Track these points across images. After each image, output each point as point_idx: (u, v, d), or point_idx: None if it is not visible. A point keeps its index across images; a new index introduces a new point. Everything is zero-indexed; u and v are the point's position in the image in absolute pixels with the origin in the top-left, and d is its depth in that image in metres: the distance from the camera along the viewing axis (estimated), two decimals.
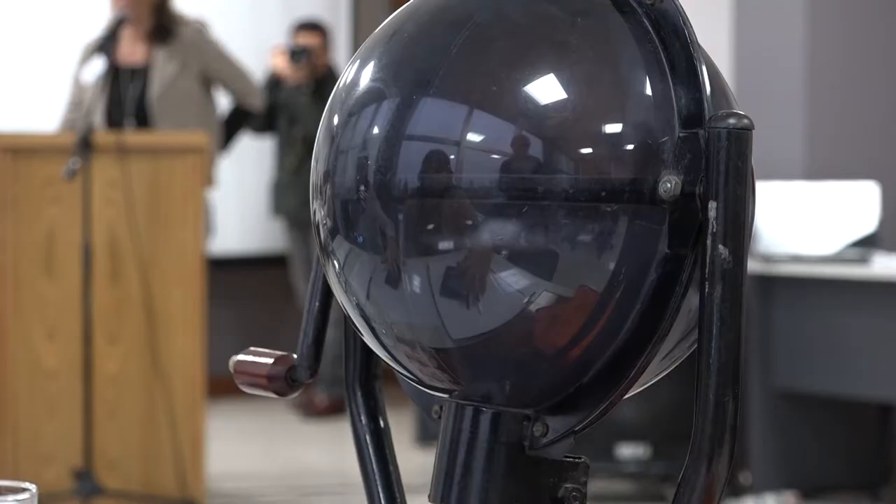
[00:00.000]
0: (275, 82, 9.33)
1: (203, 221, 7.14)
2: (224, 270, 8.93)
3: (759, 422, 6.84)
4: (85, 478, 6.59)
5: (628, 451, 6.89)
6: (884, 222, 7.06)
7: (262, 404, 9.29)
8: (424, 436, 7.16)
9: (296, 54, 9.28)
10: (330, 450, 8.80)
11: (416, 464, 2.37)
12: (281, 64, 9.34)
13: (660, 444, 6.91)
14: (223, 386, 7.82)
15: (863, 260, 6.83)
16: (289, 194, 9.52)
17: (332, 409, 9.33)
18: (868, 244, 6.96)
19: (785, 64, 7.66)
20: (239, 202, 9.73)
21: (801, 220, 6.86)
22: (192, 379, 7.06)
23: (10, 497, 1.34)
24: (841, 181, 7.10)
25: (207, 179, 7.15)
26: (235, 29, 9.11)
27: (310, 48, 9.35)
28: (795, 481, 7.07)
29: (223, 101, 7.98)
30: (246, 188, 9.85)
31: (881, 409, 7.13)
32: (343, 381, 4.97)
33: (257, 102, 8.07)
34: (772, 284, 6.25)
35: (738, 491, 6.82)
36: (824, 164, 7.43)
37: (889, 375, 6.48)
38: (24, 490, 1.34)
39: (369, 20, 10.57)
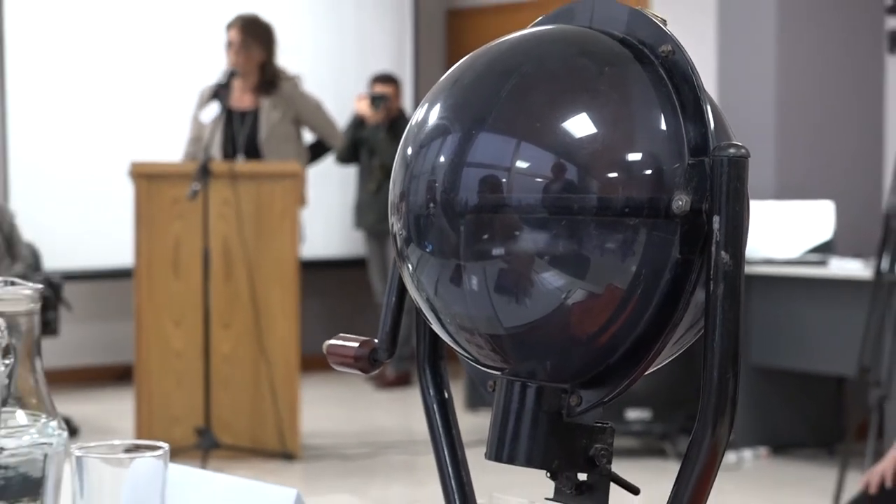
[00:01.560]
0: (358, 122, 9.43)
1: (297, 232, 7.16)
2: (314, 271, 8.94)
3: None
4: (205, 435, 6.62)
5: (634, 414, 7.01)
6: (837, 233, 7.40)
7: (343, 378, 9.28)
8: (473, 402, 7.16)
9: (375, 100, 9.41)
10: (397, 414, 8.82)
11: (467, 424, 2.33)
12: (363, 108, 9.46)
13: (660, 410, 7.05)
14: (313, 363, 7.86)
15: (821, 262, 7.15)
16: (368, 212, 9.67)
17: (399, 382, 9.38)
18: (825, 250, 7.40)
19: (758, 102, 7.68)
20: (328, 217, 9.78)
21: (772, 231, 7.02)
22: (288, 357, 7.09)
23: (150, 454, 1.32)
24: (803, 200, 7.29)
25: (301, 199, 7.18)
26: (324, 80, 9.13)
27: (386, 95, 9.47)
28: (767, 439, 7.12)
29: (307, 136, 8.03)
30: (334, 206, 9.88)
31: (836, 380, 7.29)
32: (407, 360, 5.02)
33: (337, 143, 8.29)
34: (749, 281, 6.31)
35: None
36: (790, 186, 7.50)
37: (842, 354, 6.58)
38: (158, 448, 1.32)
39: (428, 74, 10.59)
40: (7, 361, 1.46)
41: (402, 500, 6.48)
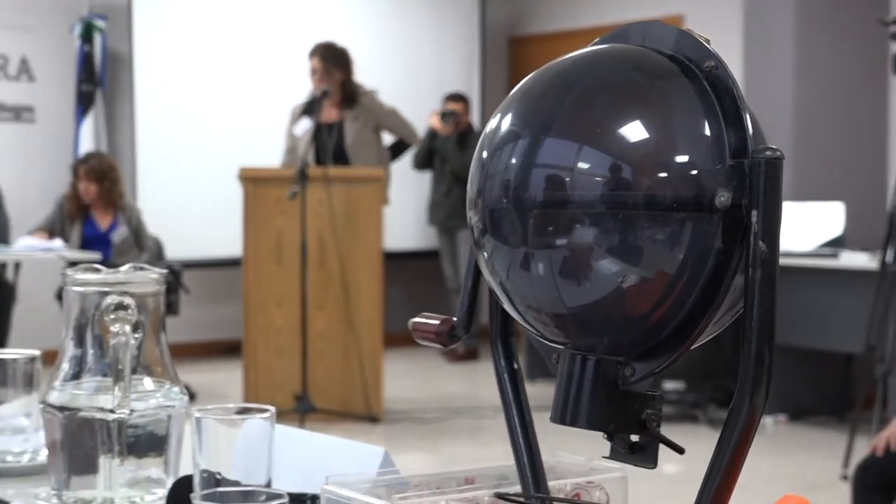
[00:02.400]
0: (432, 135, 9.47)
1: (381, 228, 7.18)
2: (395, 261, 8.95)
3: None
4: (303, 400, 6.65)
5: (670, 385, 7.03)
6: (847, 229, 7.37)
7: (420, 352, 9.29)
8: (532, 374, 7.12)
9: (445, 116, 9.43)
10: (466, 384, 8.82)
11: (527, 393, 2.32)
12: (435, 122, 9.48)
13: (692, 381, 7.07)
14: (394, 339, 7.86)
15: (833, 255, 7.13)
16: (440, 210, 9.71)
17: (468, 356, 9.38)
18: (836, 244, 7.39)
19: (778, 114, 7.65)
20: (406, 214, 9.79)
21: (790, 228, 7.00)
22: (373, 334, 7.12)
23: (258, 416, 1.32)
24: (817, 202, 7.26)
25: (384, 199, 7.18)
26: (404, 98, 9.12)
27: (455, 112, 9.50)
28: (786, 408, 7.08)
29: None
30: (411, 205, 9.91)
31: (846, 357, 7.24)
32: (475, 336, 5.02)
33: (414, 141, 8.30)
34: None
35: None
36: (806, 189, 7.47)
37: (851, 334, 6.57)
38: (266, 410, 1.31)
39: (493, 93, 10.58)
40: (137, 335, 1.46)
41: (469, 458, 6.46)
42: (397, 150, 8.23)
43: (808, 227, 7.18)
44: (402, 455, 1.39)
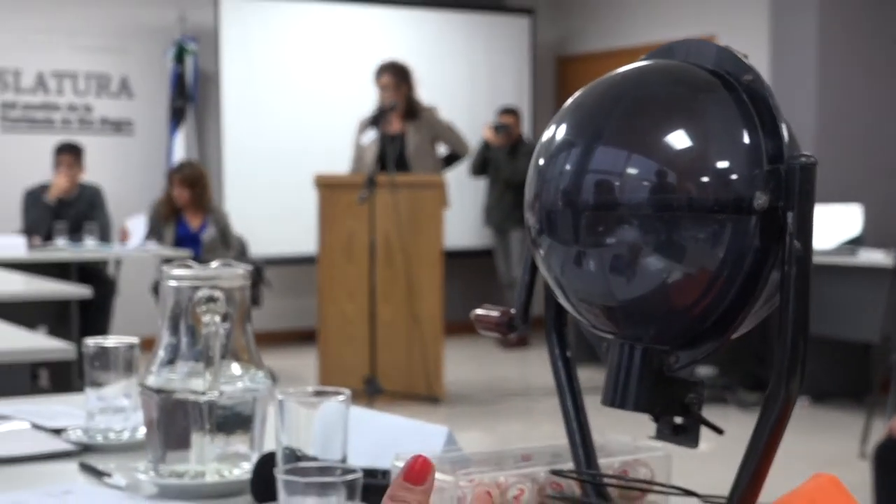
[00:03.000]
0: (486, 145, 9.48)
1: (441, 228, 7.19)
2: (454, 258, 8.95)
3: None
4: (371, 383, 6.66)
5: (703, 370, 6.96)
6: (865, 229, 7.28)
7: (476, 340, 9.30)
8: (579, 359, 7.05)
9: (499, 128, 9.43)
10: (518, 369, 8.80)
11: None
12: (488, 134, 9.46)
13: (723, 367, 7.05)
14: (454, 328, 7.86)
15: (852, 253, 7.05)
16: (494, 213, 9.73)
17: (520, 344, 9.35)
18: (855, 243, 7.31)
19: (801, 122, 7.59)
20: (464, 216, 9.79)
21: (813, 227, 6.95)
22: (434, 323, 7.12)
23: (334, 398, 1.31)
24: (837, 204, 7.19)
25: (444, 203, 7.18)
26: (461, 111, 9.14)
27: (508, 124, 9.50)
28: (808, 391, 7.02)
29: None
30: (468, 208, 9.92)
31: (864, 346, 7.14)
32: (527, 325, 4.88)
33: (466, 153, 8.21)
34: None
35: None
36: (826, 192, 7.38)
37: (868, 325, 6.56)
38: (341, 393, 1.30)
39: (542, 107, 10.55)
40: (225, 325, 1.46)
41: (521, 436, 6.45)
42: (449, 160, 8.23)
43: (829, 227, 7.12)
44: (461, 433, 1.39)
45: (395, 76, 7.53)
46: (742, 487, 0.98)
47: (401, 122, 7.56)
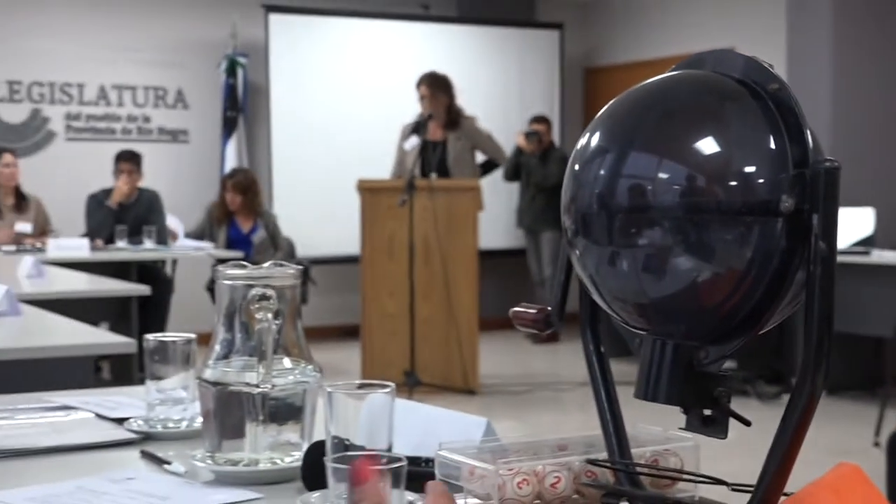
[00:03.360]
0: (518, 152, 9.45)
1: (476, 230, 7.18)
2: (488, 258, 8.94)
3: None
4: (411, 376, 6.66)
5: (724, 364, 6.87)
6: (877, 231, 7.23)
7: (509, 335, 9.29)
8: (611, 355, 7.03)
9: (530, 135, 9.41)
10: (548, 362, 8.77)
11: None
12: (521, 141, 9.45)
13: (743, 360, 6.99)
14: (488, 324, 7.86)
15: (865, 252, 7.03)
16: (526, 215, 9.72)
17: (550, 339, 9.32)
18: (867, 244, 7.28)
19: (817, 127, 7.47)
20: (498, 219, 9.79)
21: None
22: (470, 319, 7.11)
23: (380, 391, 1.30)
24: (850, 207, 7.14)
25: (479, 206, 7.16)
26: (496, 120, 9.13)
27: (539, 132, 9.47)
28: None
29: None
30: (502, 211, 9.91)
31: (876, 340, 7.07)
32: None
33: (502, 162, 8.19)
34: None
35: (791, 388, 6.68)
36: (842, 194, 7.33)
37: (881, 321, 6.50)
38: (387, 386, 1.30)
39: (571, 116, 10.54)
40: (277, 322, 1.46)
41: (552, 425, 6.44)
42: (487, 168, 8.23)
43: (842, 228, 7.08)
44: (495, 423, 1.37)
45: (433, 86, 7.53)
46: (769, 476, 0.97)
47: (442, 130, 7.56)
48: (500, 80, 10.42)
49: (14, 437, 1.71)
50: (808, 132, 0.98)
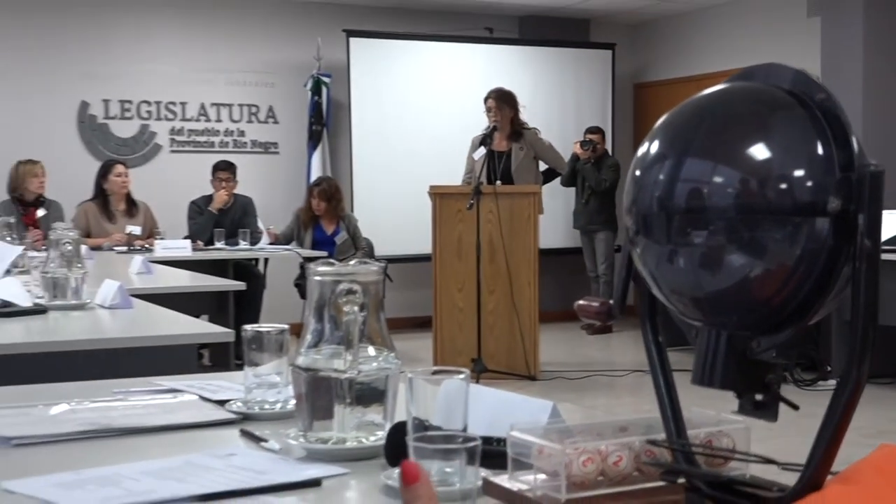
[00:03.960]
0: (575, 158, 9.37)
1: (536, 231, 7.14)
2: (547, 256, 8.90)
3: (836, 336, 6.58)
4: (478, 363, 6.65)
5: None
6: None
7: (566, 325, 9.23)
8: (668, 344, 6.97)
9: (585, 144, 9.33)
10: (602, 350, 8.70)
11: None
12: (577, 149, 9.38)
13: (781, 348, 6.74)
14: (548, 316, 7.84)
15: (893, 251, 6.81)
16: (581, 217, 9.66)
17: (603, 329, 9.24)
18: (892, 243, 6.87)
19: None
20: (556, 220, 9.74)
21: None
22: (531, 312, 7.08)
23: (456, 376, 1.29)
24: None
25: (539, 209, 7.13)
26: (554, 130, 9.09)
27: (593, 140, 9.38)
28: None
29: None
30: (560, 213, 9.85)
31: None
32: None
33: (562, 170, 8.14)
34: None
35: (826, 375, 6.54)
36: None
37: None
38: (461, 372, 1.29)
39: (621, 127, 10.45)
40: (362, 314, 1.45)
41: (605, 408, 6.39)
42: (549, 175, 8.20)
43: (886, 227, 6.92)
44: None
45: (499, 100, 7.53)
46: (818, 457, 0.95)
47: (506, 141, 7.55)
48: (558, 96, 10.38)
49: (128, 418, 1.72)
50: (854, 138, 0.95)
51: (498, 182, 7.26)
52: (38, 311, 3.34)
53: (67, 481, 1.34)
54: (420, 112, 9.71)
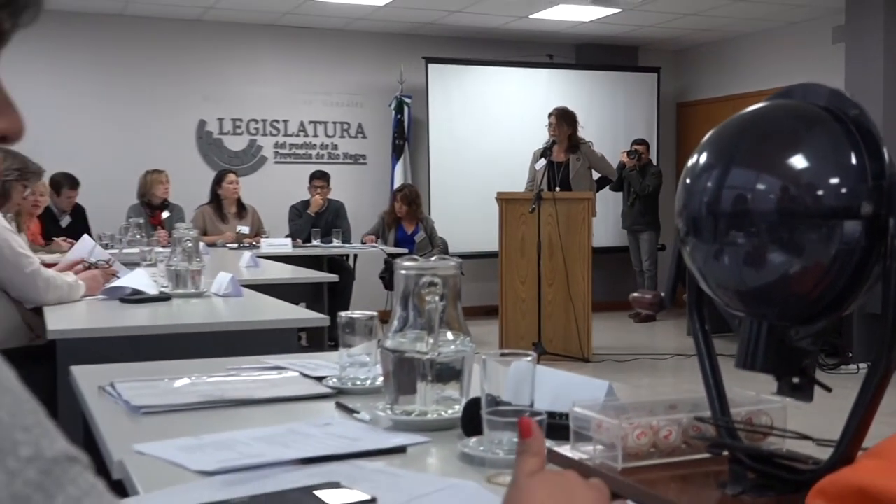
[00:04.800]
0: (622, 166, 9.22)
1: (590, 231, 7.06)
2: (599, 254, 8.79)
3: (857, 326, 6.40)
4: (538, 346, 6.60)
5: None
6: None
7: (615, 314, 9.13)
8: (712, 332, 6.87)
9: (631, 153, 9.22)
10: (647, 336, 8.57)
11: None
12: (624, 158, 9.25)
13: None
14: (599, 305, 7.74)
15: None
16: (627, 218, 9.52)
17: (648, 318, 9.10)
18: None
19: None
20: (607, 221, 9.61)
21: None
22: (585, 302, 7.01)
23: (524, 359, 1.28)
24: None
25: (592, 213, 7.06)
26: (606, 142, 8.99)
27: (639, 151, 9.26)
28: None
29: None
30: (610, 216, 9.72)
31: None
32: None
33: (613, 178, 8.04)
34: None
35: (847, 361, 6.37)
36: None
37: None
38: (528, 355, 1.27)
39: (665, 140, 10.30)
40: (442, 303, 1.45)
41: (649, 387, 6.31)
42: (602, 183, 8.11)
43: None
44: None
45: (560, 117, 7.48)
46: (850, 433, 0.92)
47: (564, 153, 7.49)
48: (609, 113, 10.27)
49: (240, 391, 1.74)
50: (885, 150, 0.92)
51: (557, 189, 7.21)
52: (163, 298, 3.39)
53: (189, 445, 1.35)
54: (488, 128, 9.68)
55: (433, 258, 1.52)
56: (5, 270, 3.18)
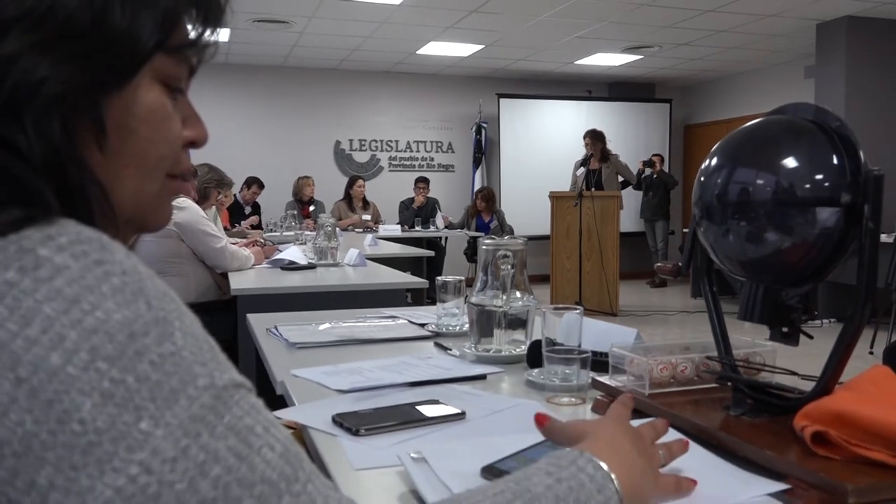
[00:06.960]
0: (641, 173, 8.96)
1: (618, 220, 6.89)
2: (624, 237, 8.60)
3: (821, 291, 6.10)
4: (579, 304, 6.43)
5: None
6: None
7: (636, 281, 8.92)
8: (695, 293, 6.66)
9: (647, 162, 8.92)
10: (660, 298, 8.36)
11: (699, 304, 2.12)
12: (642, 166, 8.98)
13: None
14: (625, 275, 7.58)
15: None
16: (646, 210, 9.26)
17: (662, 284, 8.87)
18: None
19: None
20: (630, 213, 9.37)
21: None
22: (614, 272, 6.86)
23: (573, 311, 1.24)
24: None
25: (620, 206, 6.89)
26: (629, 155, 8.76)
27: (654, 160, 8.97)
28: (835, 314, 6.27)
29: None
30: (631, 209, 9.47)
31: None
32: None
33: (632, 181, 7.82)
34: None
35: (813, 317, 6.12)
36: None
37: (880, 274, 5.71)
38: (577, 308, 1.23)
39: (675, 154, 9.98)
40: (512, 270, 1.42)
41: (662, 336, 6.15)
42: (624, 185, 7.94)
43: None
44: None
45: (592, 137, 7.32)
46: (830, 371, 0.86)
47: (598, 163, 7.34)
48: (633, 133, 10.02)
49: (365, 333, 1.74)
50: (861, 152, 0.85)
51: (592, 189, 7.07)
52: (310, 267, 3.44)
53: (329, 371, 1.36)
54: (543, 145, 9.54)
55: (505, 237, 1.49)
56: (203, 245, 3.27)
